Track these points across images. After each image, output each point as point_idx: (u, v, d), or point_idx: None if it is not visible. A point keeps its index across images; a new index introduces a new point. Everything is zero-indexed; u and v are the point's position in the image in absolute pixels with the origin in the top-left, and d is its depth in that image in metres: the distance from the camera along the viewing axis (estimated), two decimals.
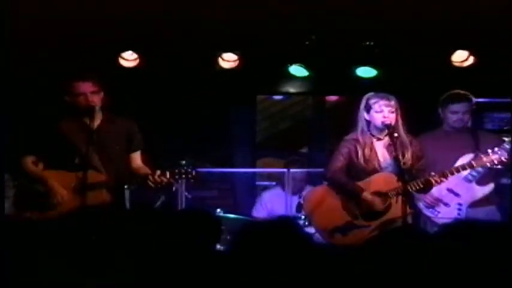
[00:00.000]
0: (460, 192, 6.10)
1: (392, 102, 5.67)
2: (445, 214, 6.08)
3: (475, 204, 6.12)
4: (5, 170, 5.24)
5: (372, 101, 5.70)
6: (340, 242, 5.70)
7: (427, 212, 6.13)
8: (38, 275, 2.77)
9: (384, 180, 5.72)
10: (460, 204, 6.11)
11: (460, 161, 5.92)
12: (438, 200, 6.10)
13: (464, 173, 5.97)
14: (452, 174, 5.76)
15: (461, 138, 6.16)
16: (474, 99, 6.28)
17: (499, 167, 5.91)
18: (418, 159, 5.77)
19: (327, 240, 5.73)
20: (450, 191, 6.09)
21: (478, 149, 6.00)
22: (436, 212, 6.11)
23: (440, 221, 5.98)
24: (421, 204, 6.12)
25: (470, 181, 6.08)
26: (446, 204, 6.12)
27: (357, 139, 5.78)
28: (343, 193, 5.79)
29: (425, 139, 6.10)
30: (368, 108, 5.72)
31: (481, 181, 6.11)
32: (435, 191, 5.97)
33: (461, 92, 6.24)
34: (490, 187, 6.14)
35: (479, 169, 5.97)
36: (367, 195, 5.69)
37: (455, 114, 6.20)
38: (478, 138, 6.17)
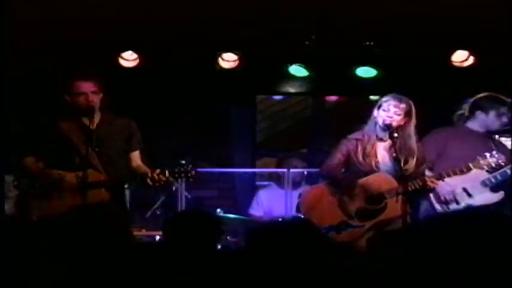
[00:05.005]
0: (474, 193, 6.09)
1: (403, 105, 5.67)
2: None
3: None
4: (6, 171, 5.25)
5: (384, 99, 5.74)
6: (334, 241, 5.70)
7: (438, 206, 6.10)
8: (38, 275, 2.77)
9: (382, 180, 5.73)
10: (470, 205, 6.10)
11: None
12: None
13: (483, 176, 5.99)
14: (449, 176, 5.78)
15: (481, 141, 6.14)
16: None
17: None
18: (420, 164, 5.78)
19: None
20: (465, 190, 6.08)
21: None
22: (446, 208, 6.09)
23: None
24: (432, 198, 6.09)
25: (486, 185, 6.09)
26: (457, 202, 6.12)
27: (359, 138, 5.80)
28: (338, 188, 5.80)
29: (443, 133, 6.11)
30: (379, 106, 5.74)
31: (494, 188, 6.11)
32: (452, 187, 5.97)
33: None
34: (500, 194, 6.12)
35: (498, 176, 5.99)
36: (361, 180, 5.70)
37: (504, 116, 6.20)
38: (497, 145, 6.16)
